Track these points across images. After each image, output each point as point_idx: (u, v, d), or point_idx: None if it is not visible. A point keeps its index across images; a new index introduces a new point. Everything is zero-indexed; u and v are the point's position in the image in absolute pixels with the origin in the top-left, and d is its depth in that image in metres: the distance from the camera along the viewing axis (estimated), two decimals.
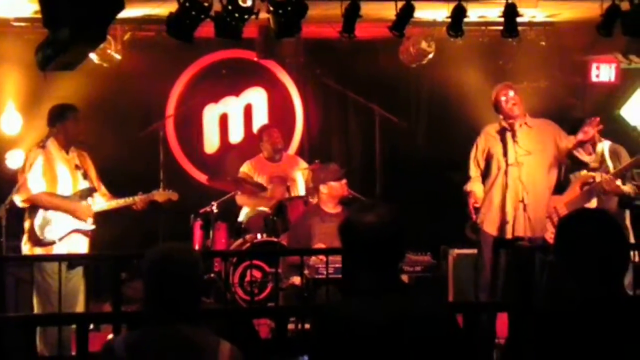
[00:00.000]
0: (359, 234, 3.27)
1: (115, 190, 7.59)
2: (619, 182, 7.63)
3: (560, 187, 7.73)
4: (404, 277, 7.05)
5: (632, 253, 6.92)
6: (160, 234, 8.45)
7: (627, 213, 7.85)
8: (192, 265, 3.28)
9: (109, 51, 8.70)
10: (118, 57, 8.87)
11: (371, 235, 3.25)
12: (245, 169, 9.30)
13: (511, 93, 7.32)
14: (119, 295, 6.69)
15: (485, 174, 7.46)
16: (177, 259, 3.26)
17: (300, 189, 9.28)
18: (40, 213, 7.08)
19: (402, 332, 3.18)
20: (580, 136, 7.30)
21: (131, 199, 7.47)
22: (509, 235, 7.20)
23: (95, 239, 7.44)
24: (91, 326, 6.79)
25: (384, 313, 3.20)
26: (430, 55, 9.11)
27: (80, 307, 7.19)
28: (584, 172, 7.81)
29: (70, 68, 5.99)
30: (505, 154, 7.23)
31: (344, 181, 7.91)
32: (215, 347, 3.20)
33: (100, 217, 7.41)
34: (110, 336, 5.64)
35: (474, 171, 7.53)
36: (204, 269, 3.42)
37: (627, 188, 7.68)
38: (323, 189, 7.84)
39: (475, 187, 7.48)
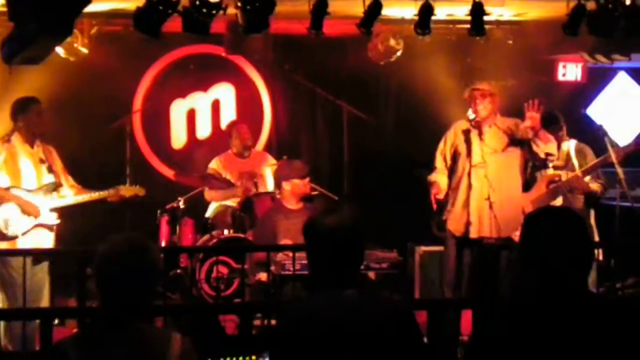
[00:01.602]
0: (320, 235, 3.39)
1: (80, 185, 7.55)
2: (587, 179, 7.70)
3: (526, 185, 7.78)
4: (371, 274, 7.07)
5: (595, 251, 6.99)
6: (127, 229, 8.41)
7: (592, 212, 7.92)
8: (147, 259, 3.21)
9: (75, 45, 8.64)
10: (85, 51, 8.81)
11: (331, 237, 3.36)
12: (214, 165, 9.28)
13: (480, 95, 7.35)
14: (84, 291, 6.67)
15: (450, 172, 7.51)
16: (131, 252, 3.19)
17: (268, 185, 9.27)
18: (3, 208, 7.03)
19: (362, 328, 3.23)
20: (528, 123, 7.32)
21: (95, 194, 7.42)
22: (473, 235, 7.25)
23: (61, 233, 7.40)
24: (56, 321, 6.78)
25: (344, 308, 3.26)
26: (399, 53, 9.14)
27: (45, 302, 7.14)
28: (550, 170, 7.86)
29: (36, 62, 5.96)
30: (469, 154, 7.28)
31: (307, 179, 7.89)
32: (167, 341, 3.18)
33: (66, 212, 7.37)
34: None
35: (440, 162, 7.57)
36: (163, 262, 3.38)
37: (595, 186, 7.75)
38: (286, 185, 7.81)
39: (439, 178, 7.52)
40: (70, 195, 7.39)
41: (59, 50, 8.29)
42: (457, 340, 6.83)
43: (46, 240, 7.24)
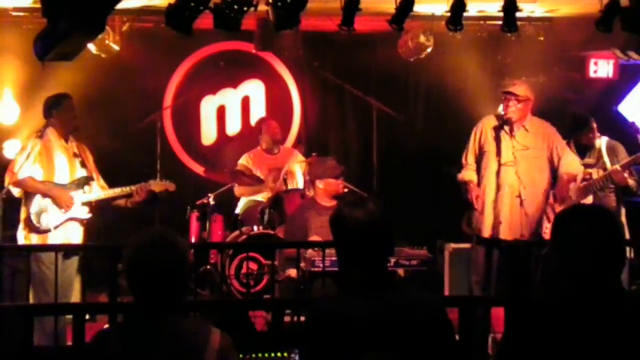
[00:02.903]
0: (348, 228, 3.34)
1: (111, 181, 7.59)
2: (626, 174, 7.64)
3: (556, 183, 7.74)
4: (400, 271, 7.06)
5: (627, 249, 6.94)
6: (156, 225, 8.44)
7: (623, 210, 7.87)
8: (177, 253, 3.21)
9: (107, 42, 8.69)
10: (116, 47, 8.86)
11: (359, 230, 3.32)
12: (243, 161, 9.31)
13: (513, 99, 7.29)
14: (115, 286, 6.70)
15: (477, 169, 7.48)
16: (161, 247, 3.20)
17: (298, 182, 9.28)
18: (37, 201, 7.08)
19: (394, 326, 3.21)
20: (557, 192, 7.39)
21: (128, 188, 7.45)
22: (503, 235, 7.21)
23: (91, 228, 7.44)
24: (87, 316, 6.83)
25: (377, 306, 3.24)
26: (429, 50, 9.11)
27: (76, 298, 7.19)
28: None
29: (68, 58, 5.99)
30: (498, 152, 7.24)
31: (341, 179, 7.90)
32: (206, 335, 3.18)
33: (97, 207, 7.41)
34: (105, 326, 5.64)
35: (470, 159, 7.53)
36: (192, 257, 3.38)
37: (632, 181, 7.70)
38: (319, 184, 7.84)
39: (472, 176, 7.48)
40: (99, 190, 7.43)
41: (91, 47, 8.35)
42: (488, 338, 6.82)
43: (76, 234, 7.29)
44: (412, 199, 9.36)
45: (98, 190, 7.42)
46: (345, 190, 8.13)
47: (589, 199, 7.69)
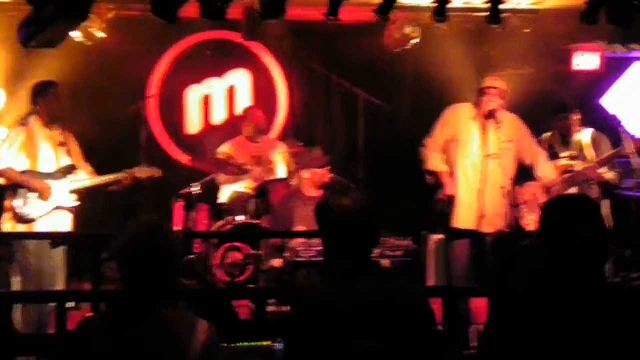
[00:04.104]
0: (333, 216, 3.34)
1: (95, 169, 7.57)
2: (602, 170, 7.67)
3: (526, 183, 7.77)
4: (385, 262, 7.07)
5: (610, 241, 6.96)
6: (141, 215, 8.41)
7: (607, 202, 7.89)
8: (170, 243, 3.23)
9: (91, 29, 8.65)
10: (101, 35, 8.82)
11: (345, 218, 3.32)
12: (224, 149, 9.26)
13: (494, 91, 7.30)
14: (99, 274, 6.69)
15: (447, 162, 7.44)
16: (153, 236, 3.21)
17: (280, 172, 9.26)
18: (22, 190, 7.05)
19: (376, 315, 3.22)
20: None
21: (112, 176, 7.43)
22: (485, 228, 7.21)
23: (80, 216, 7.42)
24: (71, 305, 6.82)
25: (360, 295, 3.25)
26: (415, 40, 9.11)
27: (60, 286, 7.17)
28: (563, 160, 7.84)
29: (52, 45, 6.00)
30: (485, 143, 7.24)
31: (326, 168, 7.92)
32: (192, 325, 3.20)
33: (82, 195, 7.39)
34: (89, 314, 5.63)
35: (437, 147, 7.49)
36: (182, 247, 3.39)
37: (611, 175, 7.73)
38: (305, 173, 7.86)
39: (442, 166, 7.44)
40: (86, 178, 7.41)
41: (76, 34, 8.31)
42: (469, 328, 6.85)
43: (64, 222, 7.27)
44: (397, 190, 9.35)
45: (86, 178, 7.40)
46: (331, 179, 8.13)
47: (573, 190, 7.71)
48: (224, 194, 9.14)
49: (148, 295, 3.18)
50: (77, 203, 7.30)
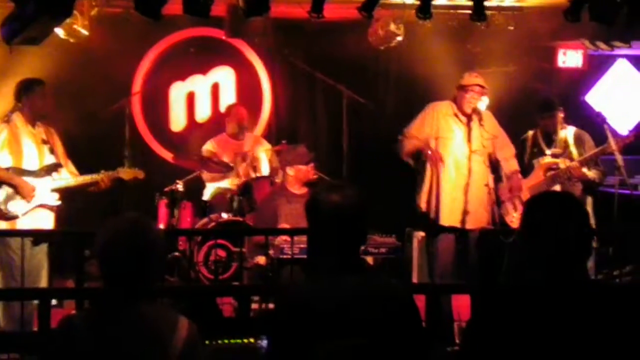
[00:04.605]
0: (324, 212, 3.32)
1: (79, 167, 7.54)
2: (584, 169, 7.70)
3: (524, 173, 7.79)
4: (369, 259, 7.07)
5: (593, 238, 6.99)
6: (125, 212, 8.38)
7: (590, 199, 7.92)
8: (152, 240, 3.22)
9: (75, 26, 8.60)
10: (85, 32, 8.78)
11: (335, 214, 3.30)
12: (208, 146, 9.26)
13: (478, 88, 7.31)
14: (82, 272, 6.67)
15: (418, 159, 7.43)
16: (134, 233, 3.20)
17: (264, 169, 9.25)
18: (5, 187, 7.02)
19: (361, 312, 3.21)
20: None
21: (95, 176, 7.41)
22: (470, 224, 7.22)
23: (62, 215, 7.40)
24: (54, 302, 6.80)
25: (344, 292, 3.24)
26: (399, 38, 9.11)
27: (43, 283, 7.15)
28: (547, 158, 7.87)
29: (35, 42, 5.96)
30: (469, 139, 7.25)
31: (311, 165, 7.92)
32: (174, 323, 3.19)
33: (65, 194, 7.36)
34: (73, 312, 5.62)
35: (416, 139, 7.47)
36: (165, 243, 3.37)
37: (592, 174, 7.76)
38: (289, 171, 7.85)
39: (420, 142, 7.41)
40: (68, 177, 7.38)
41: (59, 31, 8.27)
42: (452, 325, 6.86)
43: (47, 221, 7.25)
44: (381, 187, 9.35)
45: (68, 177, 7.37)
46: (316, 177, 8.13)
47: (557, 188, 7.73)
48: (208, 192, 9.14)
49: (129, 293, 3.17)
50: (59, 202, 7.28)
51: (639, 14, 7.29)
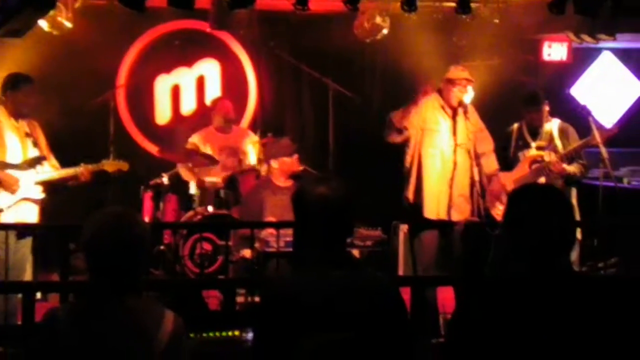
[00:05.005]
0: (311, 205, 3.31)
1: (64, 161, 7.51)
2: (564, 164, 7.71)
3: (509, 165, 7.80)
4: (355, 252, 7.08)
5: (577, 230, 7.01)
6: (110, 205, 8.35)
7: (574, 191, 7.94)
8: (138, 233, 3.21)
9: (59, 19, 8.55)
10: (69, 25, 8.72)
11: (322, 207, 3.29)
12: (194, 139, 9.23)
13: (465, 82, 7.30)
14: (67, 266, 6.65)
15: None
16: (121, 226, 3.19)
17: (251, 162, 9.24)
18: None
19: (347, 305, 3.21)
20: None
21: (74, 169, 7.38)
22: (455, 217, 7.22)
23: (46, 208, 7.36)
24: (38, 296, 6.77)
25: (330, 286, 3.23)
26: (385, 31, 9.10)
27: (27, 277, 7.12)
28: (532, 150, 7.88)
29: (19, 35, 5.94)
30: (455, 133, 7.25)
31: (295, 157, 7.92)
32: (160, 316, 3.18)
33: (49, 187, 7.33)
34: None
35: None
36: (151, 237, 3.36)
37: (573, 168, 7.77)
38: (274, 163, 7.85)
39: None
40: (50, 170, 7.35)
41: (43, 23, 8.22)
42: (438, 317, 6.88)
43: (31, 214, 7.21)
44: (367, 180, 9.36)
45: (50, 170, 7.35)
46: (300, 168, 8.13)
47: (542, 181, 7.75)
48: (194, 185, 9.12)
49: (115, 286, 3.16)
50: (43, 195, 7.25)
51: (623, 7, 7.30)
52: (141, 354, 3.10)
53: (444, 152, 7.27)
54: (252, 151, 9.20)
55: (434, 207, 7.26)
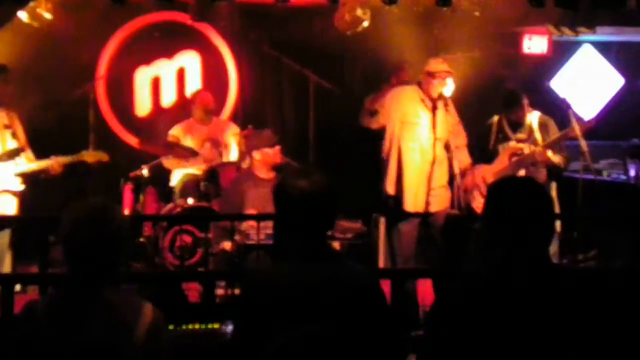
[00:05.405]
0: (292, 198, 3.31)
1: (44, 152, 7.48)
2: (549, 153, 7.74)
3: (488, 158, 7.82)
4: (335, 244, 7.08)
5: (557, 223, 7.04)
6: (90, 197, 8.33)
7: (554, 184, 7.97)
8: (116, 225, 3.19)
9: (39, 10, 8.50)
10: (48, 16, 8.67)
11: (304, 200, 3.29)
12: (175, 131, 9.21)
13: (446, 74, 7.30)
14: (46, 258, 6.62)
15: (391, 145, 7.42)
16: (98, 218, 3.17)
17: (233, 154, 9.23)
18: None
19: (328, 298, 3.21)
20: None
21: (69, 157, 7.35)
22: (434, 210, 7.23)
23: (24, 200, 7.34)
24: (18, 288, 6.73)
25: (311, 278, 3.24)
26: (366, 23, 9.09)
27: (6, 269, 7.10)
28: (512, 143, 7.90)
29: None
30: (434, 126, 7.24)
31: (277, 148, 7.92)
32: (138, 308, 3.17)
33: (28, 179, 7.31)
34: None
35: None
36: (129, 229, 3.35)
37: (557, 158, 7.80)
38: (256, 155, 7.84)
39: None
40: (24, 162, 7.32)
41: (22, 15, 8.18)
42: (418, 309, 6.89)
43: (10, 206, 7.19)
44: (347, 172, 9.36)
45: (25, 162, 7.32)
46: (282, 160, 8.12)
47: (521, 174, 7.77)
48: (176, 178, 9.10)
49: (93, 279, 3.15)
50: (22, 187, 7.22)
51: (602, 0, 7.33)
52: (120, 346, 3.10)
53: (423, 145, 7.26)
54: (233, 143, 9.19)
55: (412, 201, 7.26)
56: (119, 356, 3.09)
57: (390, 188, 7.33)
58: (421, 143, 7.26)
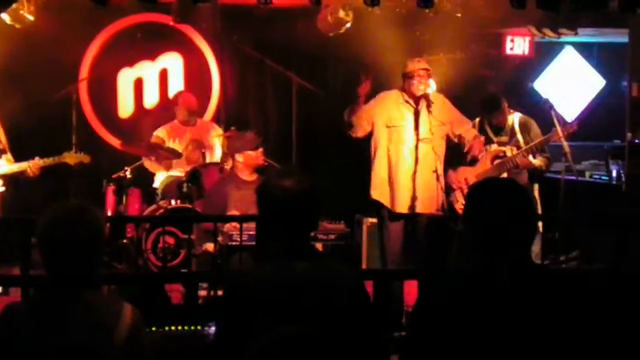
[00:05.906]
0: (276, 199, 3.30)
1: (25, 155, 7.46)
2: (530, 157, 7.77)
3: (471, 160, 7.83)
4: (318, 245, 7.08)
5: (539, 224, 7.06)
6: (72, 199, 8.32)
7: (536, 186, 8.00)
8: (93, 227, 3.17)
9: (21, 12, 8.47)
10: (31, 18, 8.65)
11: (287, 201, 3.29)
12: (159, 133, 9.21)
13: (422, 72, 7.31)
14: (28, 259, 6.60)
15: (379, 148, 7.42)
16: (75, 220, 3.15)
17: (217, 156, 9.23)
18: None
19: (311, 298, 3.21)
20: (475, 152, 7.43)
21: (50, 159, 7.33)
22: (419, 209, 7.24)
23: (5, 201, 7.31)
24: (0, 290, 6.72)
25: (294, 278, 3.23)
26: (348, 25, 9.10)
27: None
28: (494, 145, 7.92)
29: None
30: (416, 127, 7.24)
31: (260, 150, 7.91)
32: (118, 310, 3.16)
33: (10, 181, 7.28)
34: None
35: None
36: (107, 231, 3.35)
37: (538, 162, 7.83)
38: (239, 157, 7.84)
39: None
40: (4, 164, 7.29)
41: (4, 16, 8.16)
42: (402, 310, 6.90)
43: None
44: (330, 174, 9.37)
45: (5, 164, 7.29)
46: (265, 162, 8.12)
47: (504, 176, 7.79)
48: (159, 179, 9.09)
49: (71, 281, 3.14)
50: (3, 189, 7.20)
51: (584, 1, 7.35)
52: (100, 348, 3.09)
53: (408, 147, 7.27)
54: (217, 145, 9.19)
55: (398, 202, 7.28)
56: (99, 357, 3.08)
57: (376, 190, 7.35)
58: (406, 145, 7.27)
